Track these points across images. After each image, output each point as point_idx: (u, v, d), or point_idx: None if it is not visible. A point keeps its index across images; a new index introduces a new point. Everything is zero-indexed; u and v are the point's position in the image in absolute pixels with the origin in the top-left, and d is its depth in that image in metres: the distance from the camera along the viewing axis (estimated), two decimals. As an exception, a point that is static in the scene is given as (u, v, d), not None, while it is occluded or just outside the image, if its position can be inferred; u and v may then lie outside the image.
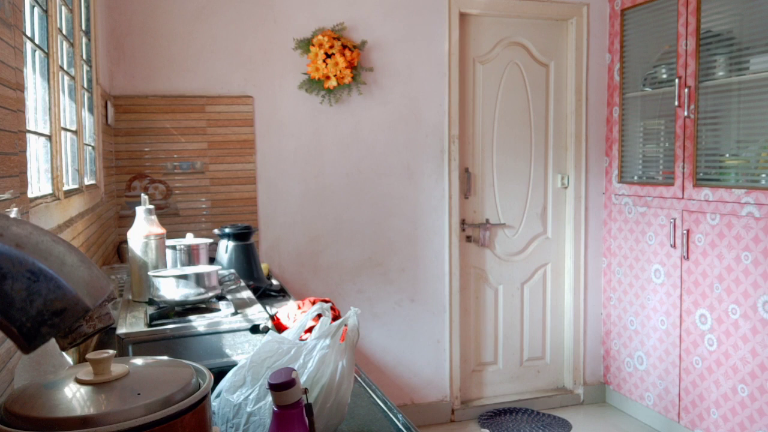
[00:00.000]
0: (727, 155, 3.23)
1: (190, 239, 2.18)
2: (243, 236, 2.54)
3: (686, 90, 3.28)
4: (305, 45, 3.41)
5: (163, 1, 3.26)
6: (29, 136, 1.59)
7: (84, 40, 2.58)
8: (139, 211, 1.84)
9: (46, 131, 1.87)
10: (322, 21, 3.46)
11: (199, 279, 1.65)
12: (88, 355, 0.81)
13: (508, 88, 3.87)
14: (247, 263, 2.51)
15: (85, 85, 2.58)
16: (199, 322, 1.54)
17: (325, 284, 3.57)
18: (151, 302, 1.67)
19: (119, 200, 3.25)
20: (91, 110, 2.66)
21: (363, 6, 3.52)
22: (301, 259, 3.53)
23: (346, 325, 1.21)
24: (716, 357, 3.16)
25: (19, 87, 1.39)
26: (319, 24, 3.45)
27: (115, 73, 3.23)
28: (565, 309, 4.07)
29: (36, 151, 1.80)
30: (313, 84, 3.44)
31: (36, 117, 1.81)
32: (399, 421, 1.26)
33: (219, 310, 1.65)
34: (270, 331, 1.43)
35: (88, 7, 2.63)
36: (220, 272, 2.16)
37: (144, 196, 1.91)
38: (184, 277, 1.64)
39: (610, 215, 3.93)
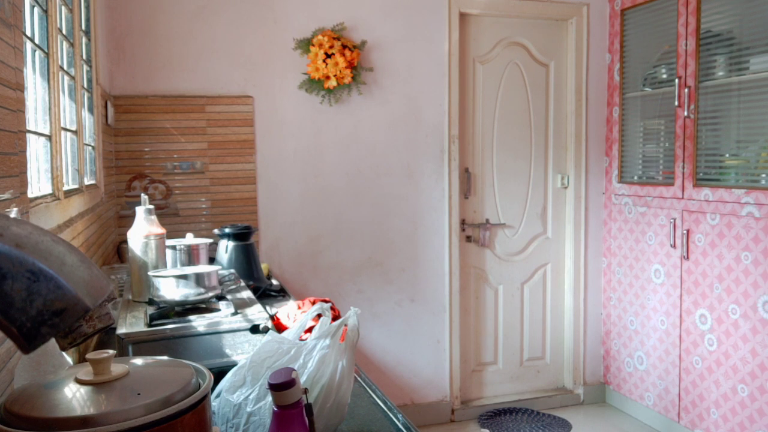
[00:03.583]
0: (727, 155, 3.23)
1: (190, 239, 2.18)
2: (243, 236, 2.54)
3: (686, 90, 3.28)
4: (305, 45, 3.41)
5: (163, 1, 3.26)
6: (29, 136, 1.59)
7: (84, 40, 2.58)
8: (139, 211, 1.84)
9: (46, 131, 1.87)
10: (322, 21, 3.46)
11: (199, 279, 1.65)
12: (88, 355, 0.81)
13: (508, 88, 3.87)
14: (247, 263, 2.51)
15: (85, 85, 2.58)
16: (199, 322, 1.54)
17: (325, 284, 3.57)
18: (151, 302, 1.67)
19: (119, 200, 3.25)
20: (91, 110, 2.66)
21: (363, 6, 3.52)
22: (301, 259, 3.53)
23: (346, 325, 1.21)
24: (716, 357, 3.16)
25: (19, 87, 1.38)
26: (319, 24, 3.45)
27: (115, 73, 3.23)
28: (565, 309, 4.07)
29: (36, 151, 1.80)
30: (313, 84, 3.44)
31: (36, 117, 1.81)
32: (399, 421, 1.26)
33: (219, 310, 1.65)
34: (270, 331, 1.43)
35: (88, 7, 2.63)
36: (220, 272, 2.16)
37: (144, 196, 1.91)
38: (184, 277, 1.64)
39: (610, 215, 3.93)
